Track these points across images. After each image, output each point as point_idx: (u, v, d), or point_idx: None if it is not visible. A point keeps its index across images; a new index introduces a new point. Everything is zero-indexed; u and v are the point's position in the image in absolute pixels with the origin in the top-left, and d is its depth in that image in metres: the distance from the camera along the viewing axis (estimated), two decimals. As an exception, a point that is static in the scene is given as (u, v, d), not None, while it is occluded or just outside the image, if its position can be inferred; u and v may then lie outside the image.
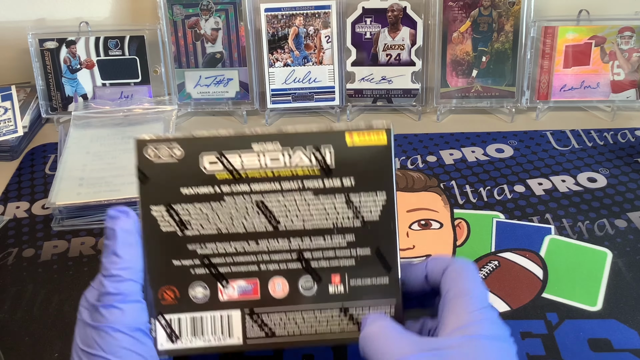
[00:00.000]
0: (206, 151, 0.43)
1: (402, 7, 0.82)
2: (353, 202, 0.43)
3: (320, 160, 0.43)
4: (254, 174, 0.43)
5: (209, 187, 0.43)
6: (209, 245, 0.43)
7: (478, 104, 0.86)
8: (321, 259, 0.44)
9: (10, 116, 0.84)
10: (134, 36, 0.84)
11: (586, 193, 0.70)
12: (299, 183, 0.43)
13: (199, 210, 0.43)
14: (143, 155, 0.43)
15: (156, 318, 0.43)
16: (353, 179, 0.43)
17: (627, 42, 0.81)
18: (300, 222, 0.43)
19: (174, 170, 0.43)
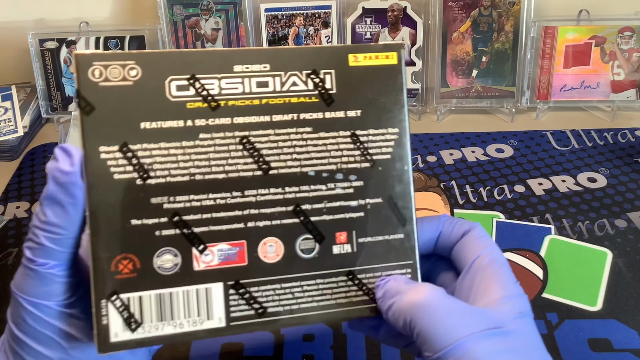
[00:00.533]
0: (174, 73, 0.34)
1: (402, 7, 0.82)
2: (360, 138, 0.36)
3: (319, 85, 0.35)
4: (236, 103, 0.34)
5: (178, 120, 0.34)
6: (179, 197, 0.34)
7: (478, 104, 0.86)
8: (324, 212, 0.35)
9: (10, 116, 0.84)
10: (134, 36, 0.84)
11: (586, 193, 0.70)
12: (294, 115, 0.35)
13: (166, 151, 0.33)
14: (87, 77, 0.33)
15: (107, 299, 0.33)
16: (360, 110, 0.36)
17: (627, 42, 0.81)
18: (296, 164, 0.35)
19: (129, 96, 0.33)
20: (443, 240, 0.38)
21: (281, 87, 0.35)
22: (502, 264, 0.36)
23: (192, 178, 0.34)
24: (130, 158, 0.33)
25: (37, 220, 0.33)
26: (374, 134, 0.36)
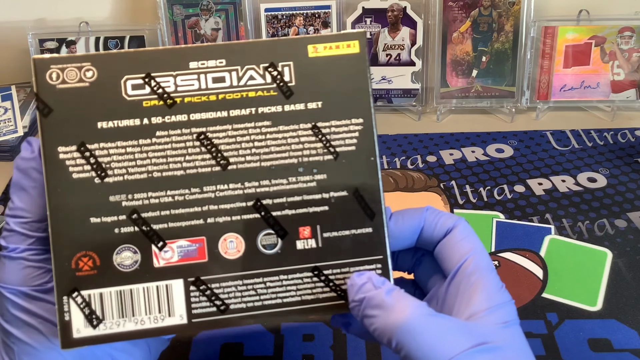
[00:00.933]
0: (129, 72, 0.34)
1: (402, 7, 0.82)
2: (321, 130, 0.35)
3: (278, 78, 0.35)
4: (192, 100, 0.34)
5: (134, 118, 0.34)
6: (137, 195, 0.34)
7: (478, 104, 0.86)
8: (285, 207, 0.35)
9: (10, 116, 0.84)
10: (134, 36, 0.84)
11: (586, 193, 0.70)
12: (252, 109, 0.35)
13: (123, 149, 0.34)
14: (44, 80, 0.34)
15: (69, 295, 0.33)
16: (320, 102, 0.35)
17: (627, 42, 0.81)
18: (255, 159, 0.35)
19: (86, 97, 0.34)
20: (426, 235, 0.37)
21: (238, 82, 0.35)
22: (486, 270, 0.35)
23: (150, 175, 0.34)
24: (88, 157, 0.34)
25: (7, 209, 0.35)
26: (337, 125, 0.35)
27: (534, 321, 0.54)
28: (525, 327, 0.53)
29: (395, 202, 0.69)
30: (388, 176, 0.74)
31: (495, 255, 0.61)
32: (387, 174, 0.74)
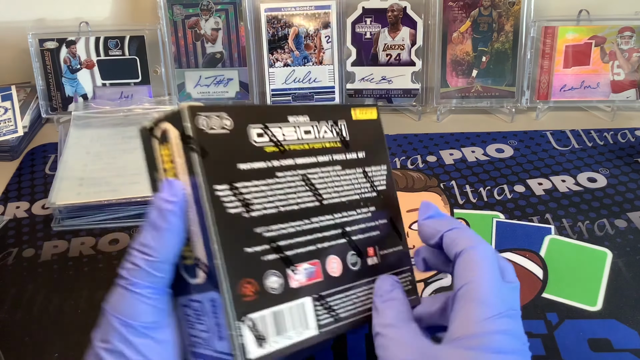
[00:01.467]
0: (252, 123, 0.40)
1: (402, 7, 0.82)
2: (368, 174, 0.45)
3: (339, 133, 0.44)
4: (295, 147, 0.42)
5: (262, 161, 0.40)
6: (273, 226, 0.39)
7: (478, 104, 0.86)
8: (358, 232, 0.44)
9: (10, 116, 0.84)
10: (134, 36, 0.84)
11: (586, 193, 0.70)
12: (330, 156, 0.43)
13: (258, 187, 0.39)
14: (196, 126, 0.37)
15: (240, 320, 0.36)
16: (364, 152, 0.46)
17: (627, 42, 0.81)
18: (337, 195, 0.43)
19: (228, 142, 0.38)
20: (445, 249, 0.41)
21: (318, 134, 0.43)
22: (474, 300, 0.36)
23: (279, 210, 0.40)
24: (236, 194, 0.38)
25: (137, 243, 0.37)
26: (375, 170, 0.46)
27: (534, 321, 0.54)
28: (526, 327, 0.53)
29: (395, 202, 0.69)
30: (388, 176, 0.74)
31: (495, 255, 0.61)
32: (387, 174, 0.74)
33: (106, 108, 0.81)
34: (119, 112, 0.81)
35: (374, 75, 0.85)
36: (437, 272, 0.60)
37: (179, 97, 0.86)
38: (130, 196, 0.68)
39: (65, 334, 0.55)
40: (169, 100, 0.82)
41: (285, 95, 0.85)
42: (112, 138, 0.77)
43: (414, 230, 0.65)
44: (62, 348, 0.53)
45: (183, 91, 0.86)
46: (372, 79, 0.85)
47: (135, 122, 0.79)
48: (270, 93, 0.85)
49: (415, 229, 0.65)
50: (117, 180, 0.70)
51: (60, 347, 0.53)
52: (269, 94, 0.85)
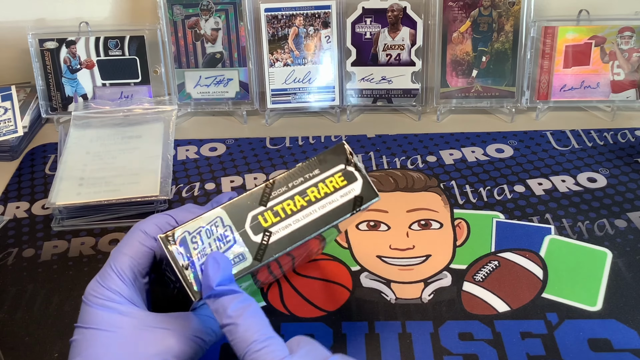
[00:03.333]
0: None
1: (402, 7, 0.82)
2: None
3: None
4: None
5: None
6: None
7: (478, 104, 0.86)
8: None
9: (10, 116, 0.84)
10: (134, 36, 0.84)
11: (586, 193, 0.70)
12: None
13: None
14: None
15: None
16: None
17: (627, 42, 0.81)
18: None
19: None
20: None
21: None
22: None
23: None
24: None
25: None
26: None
27: (534, 321, 0.54)
28: (525, 327, 0.53)
29: (395, 202, 0.69)
30: (388, 176, 0.74)
31: (495, 256, 0.61)
32: (387, 174, 0.74)
33: (106, 108, 0.81)
34: (119, 112, 0.81)
35: (374, 75, 0.85)
36: (437, 272, 0.60)
37: (179, 97, 0.86)
38: (130, 196, 0.68)
39: (65, 334, 0.55)
40: (168, 100, 0.82)
41: (285, 95, 0.85)
42: (112, 138, 0.77)
43: (414, 230, 0.65)
44: (62, 348, 0.53)
45: (183, 91, 0.86)
46: (372, 79, 0.85)
47: (135, 122, 0.79)
48: (270, 93, 0.85)
49: (415, 228, 0.65)
50: (117, 180, 0.70)
51: (60, 347, 0.53)
52: (268, 94, 0.85)
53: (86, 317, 0.43)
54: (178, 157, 0.79)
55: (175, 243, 0.43)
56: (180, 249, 0.43)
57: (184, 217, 0.47)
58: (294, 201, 0.45)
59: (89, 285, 0.44)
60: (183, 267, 0.43)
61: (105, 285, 0.43)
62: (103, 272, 0.44)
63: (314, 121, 0.87)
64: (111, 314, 0.42)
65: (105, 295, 0.43)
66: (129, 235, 0.46)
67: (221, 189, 0.73)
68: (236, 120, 0.88)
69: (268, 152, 0.80)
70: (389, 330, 0.53)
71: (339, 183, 0.46)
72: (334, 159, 0.46)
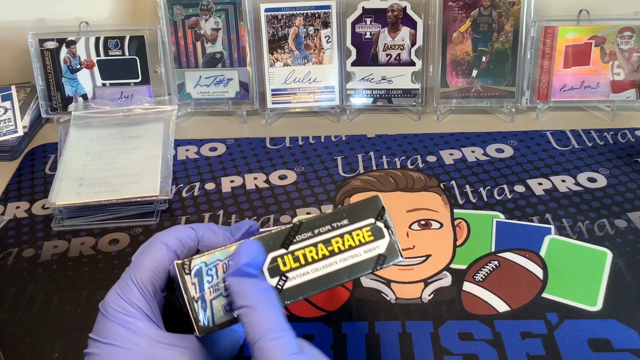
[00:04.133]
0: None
1: (402, 7, 0.82)
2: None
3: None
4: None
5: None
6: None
7: (478, 104, 0.86)
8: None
9: (10, 116, 0.84)
10: (134, 36, 0.84)
11: (586, 193, 0.70)
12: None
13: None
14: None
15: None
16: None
17: (627, 42, 0.81)
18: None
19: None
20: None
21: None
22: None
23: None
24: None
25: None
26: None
27: (534, 321, 0.54)
28: (525, 327, 0.53)
29: (396, 202, 0.69)
30: (388, 176, 0.74)
31: (495, 256, 0.61)
32: (387, 174, 0.74)
33: (106, 108, 0.81)
34: (119, 112, 0.81)
35: (374, 75, 0.85)
36: (437, 272, 0.60)
37: (179, 97, 0.86)
38: (130, 196, 0.68)
39: (65, 334, 0.55)
40: (168, 100, 0.82)
41: (285, 95, 0.85)
42: (112, 138, 0.77)
43: (414, 230, 0.65)
44: (62, 348, 0.53)
45: (183, 91, 0.86)
46: (372, 79, 0.85)
47: (135, 122, 0.79)
48: (270, 93, 0.85)
49: (415, 228, 0.65)
50: (117, 180, 0.70)
51: (60, 347, 0.53)
52: (268, 94, 0.85)
53: (105, 331, 0.41)
54: (178, 157, 0.79)
55: (190, 273, 0.42)
56: (194, 280, 0.42)
57: (205, 233, 0.46)
58: (317, 249, 0.43)
59: (109, 296, 0.43)
60: (193, 299, 0.42)
61: (126, 299, 0.42)
62: (123, 283, 0.43)
63: (314, 121, 0.87)
64: (130, 330, 0.41)
65: (126, 310, 0.42)
66: (150, 246, 0.44)
67: (221, 188, 0.73)
68: (236, 120, 0.88)
69: (268, 152, 0.80)
70: (389, 330, 0.53)
71: (365, 238, 0.44)
72: (365, 212, 0.45)
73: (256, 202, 0.70)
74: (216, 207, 0.70)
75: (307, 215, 0.44)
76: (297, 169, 0.76)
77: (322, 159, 0.78)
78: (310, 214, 0.68)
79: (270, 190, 0.73)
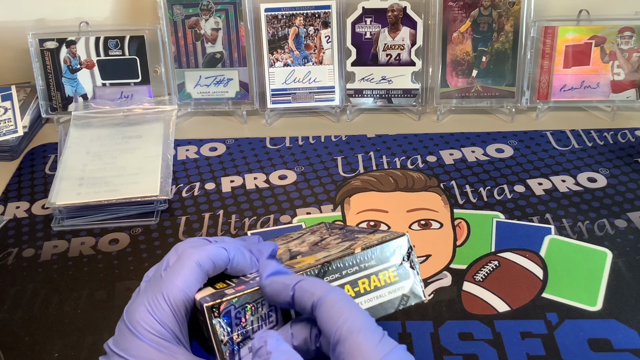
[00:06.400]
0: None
1: (402, 7, 0.82)
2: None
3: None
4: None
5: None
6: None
7: (478, 104, 0.86)
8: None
9: (10, 116, 0.84)
10: (134, 36, 0.84)
11: (586, 193, 0.70)
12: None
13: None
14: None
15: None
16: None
17: (627, 42, 0.81)
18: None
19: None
20: (297, 305, 0.40)
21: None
22: (360, 331, 0.36)
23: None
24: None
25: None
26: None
27: (534, 321, 0.54)
28: (525, 327, 0.53)
29: (396, 202, 0.69)
30: (388, 176, 0.74)
31: (495, 256, 0.61)
32: (387, 174, 0.74)
33: (106, 108, 0.81)
34: (119, 112, 0.81)
35: (374, 75, 0.85)
36: (437, 272, 0.60)
37: (179, 97, 0.86)
38: (130, 196, 0.68)
39: (65, 334, 0.55)
40: (168, 100, 0.82)
41: (285, 95, 0.85)
42: (112, 138, 0.77)
43: (413, 230, 0.65)
44: (62, 348, 0.53)
45: (183, 91, 0.86)
46: (372, 79, 0.85)
47: (135, 122, 0.79)
48: (270, 93, 0.85)
49: (415, 228, 0.65)
50: (117, 180, 0.70)
51: (60, 347, 0.53)
52: (268, 94, 0.85)
53: (133, 349, 0.40)
54: (178, 157, 0.79)
55: (219, 316, 0.41)
56: (223, 322, 0.41)
57: (236, 255, 0.44)
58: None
59: (138, 312, 0.40)
60: (221, 342, 0.41)
61: (157, 319, 0.40)
62: (154, 300, 0.41)
63: (314, 121, 0.87)
64: (163, 354, 0.40)
65: (157, 330, 0.40)
66: (182, 265, 0.42)
67: (221, 188, 0.73)
68: (236, 120, 0.88)
69: (268, 152, 0.80)
70: (389, 330, 0.53)
71: (391, 278, 0.43)
72: (392, 252, 0.44)
73: (256, 202, 0.70)
74: (216, 207, 0.70)
75: (334, 257, 0.43)
76: (297, 169, 0.76)
77: (322, 159, 0.78)
78: (310, 214, 0.68)
79: (270, 190, 0.73)
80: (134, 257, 0.63)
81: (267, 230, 0.66)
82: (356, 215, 0.67)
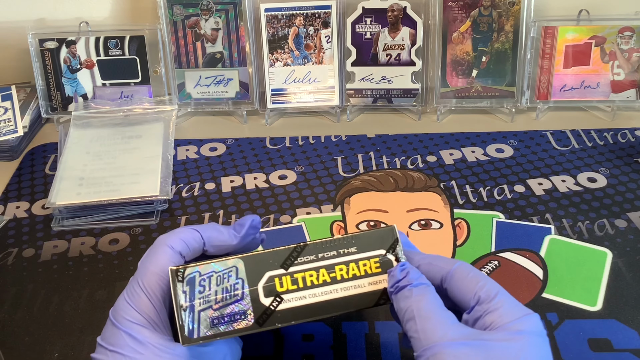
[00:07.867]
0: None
1: (402, 7, 0.82)
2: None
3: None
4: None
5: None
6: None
7: (478, 104, 0.86)
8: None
9: (10, 116, 0.84)
10: (134, 36, 0.84)
11: (586, 193, 0.70)
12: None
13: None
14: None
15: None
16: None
17: (627, 42, 0.81)
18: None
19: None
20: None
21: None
22: (500, 295, 0.40)
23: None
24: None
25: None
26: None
27: (534, 321, 0.54)
28: (525, 327, 0.53)
29: (396, 202, 0.69)
30: (388, 176, 0.74)
31: (495, 256, 0.61)
32: (387, 174, 0.74)
33: (106, 108, 0.81)
34: (119, 112, 0.81)
35: (374, 75, 0.85)
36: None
37: (179, 97, 0.86)
38: (130, 196, 0.68)
39: (65, 334, 0.55)
40: (169, 100, 0.82)
41: (285, 95, 0.85)
42: (112, 138, 0.77)
43: (414, 230, 0.65)
44: (62, 348, 0.53)
45: (183, 91, 0.86)
46: (372, 79, 0.85)
47: (135, 122, 0.79)
48: (270, 93, 0.85)
49: (415, 228, 0.65)
50: (117, 180, 0.70)
51: (60, 347, 0.53)
52: (268, 94, 0.85)
53: (112, 338, 0.41)
54: (178, 157, 0.79)
55: (183, 281, 0.41)
56: (186, 288, 0.41)
57: (210, 234, 0.45)
58: (318, 274, 0.41)
59: (117, 303, 0.43)
60: (181, 308, 0.41)
61: (134, 306, 0.42)
62: (131, 290, 0.43)
63: (314, 121, 0.87)
64: (135, 339, 0.41)
65: (133, 317, 0.41)
66: (155, 250, 0.44)
67: (221, 188, 0.73)
68: (236, 120, 0.88)
69: (268, 152, 0.80)
70: (389, 330, 0.53)
71: (372, 269, 0.42)
72: (377, 241, 0.42)
73: (256, 202, 0.70)
74: (216, 207, 0.70)
75: (311, 240, 0.42)
76: (297, 169, 0.76)
77: (322, 159, 0.78)
78: (310, 214, 0.68)
79: (270, 190, 0.73)
80: (134, 257, 0.63)
81: (267, 230, 0.66)
82: (356, 215, 0.67)
